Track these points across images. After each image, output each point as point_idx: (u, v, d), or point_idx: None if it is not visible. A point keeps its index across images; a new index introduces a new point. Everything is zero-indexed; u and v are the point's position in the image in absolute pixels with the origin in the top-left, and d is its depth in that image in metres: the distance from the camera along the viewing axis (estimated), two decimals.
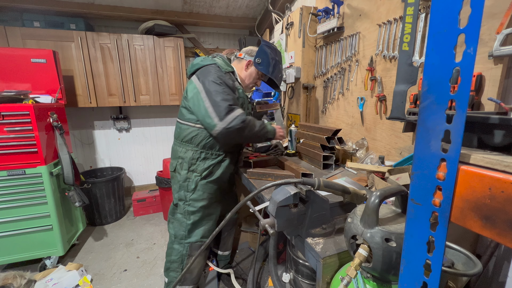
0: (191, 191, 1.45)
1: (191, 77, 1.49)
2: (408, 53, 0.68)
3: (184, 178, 1.45)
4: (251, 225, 2.32)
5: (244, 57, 1.55)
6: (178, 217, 1.51)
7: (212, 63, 1.43)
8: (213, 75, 1.34)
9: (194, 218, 1.48)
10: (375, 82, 1.48)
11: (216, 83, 1.31)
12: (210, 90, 1.30)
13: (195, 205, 1.47)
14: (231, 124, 1.26)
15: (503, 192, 0.39)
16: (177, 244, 1.51)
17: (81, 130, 3.25)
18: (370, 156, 1.47)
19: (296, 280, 1.41)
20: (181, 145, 1.47)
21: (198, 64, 1.44)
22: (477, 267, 0.60)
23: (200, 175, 1.44)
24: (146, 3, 2.90)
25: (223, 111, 1.26)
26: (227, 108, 1.27)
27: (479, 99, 0.99)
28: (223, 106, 1.27)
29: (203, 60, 1.45)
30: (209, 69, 1.38)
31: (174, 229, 1.52)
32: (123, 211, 3.11)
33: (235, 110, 1.29)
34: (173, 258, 1.52)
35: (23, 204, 1.93)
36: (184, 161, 1.44)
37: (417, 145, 0.47)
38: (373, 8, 1.47)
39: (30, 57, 2.14)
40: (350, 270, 0.62)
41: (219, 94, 1.29)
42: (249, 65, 1.54)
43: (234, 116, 1.27)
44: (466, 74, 0.39)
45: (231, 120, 1.27)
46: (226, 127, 1.26)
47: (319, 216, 0.87)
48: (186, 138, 1.43)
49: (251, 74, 1.55)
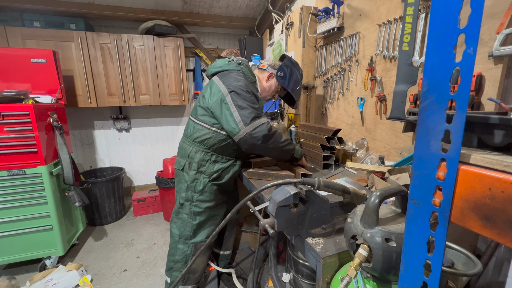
0: (198, 192, 1.44)
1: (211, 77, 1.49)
2: (408, 53, 0.68)
3: (192, 179, 1.43)
4: (251, 225, 2.32)
5: (267, 68, 1.56)
6: (183, 217, 1.49)
7: (238, 69, 1.43)
8: (241, 82, 1.34)
9: (200, 218, 1.47)
10: (375, 82, 1.48)
11: (244, 90, 1.31)
12: (237, 96, 1.29)
13: (201, 206, 1.46)
14: (256, 130, 1.25)
15: (503, 192, 0.39)
16: (181, 244, 1.50)
17: (81, 130, 3.25)
18: (370, 156, 1.47)
19: (296, 280, 1.41)
20: (192, 144, 1.45)
21: (222, 67, 1.44)
22: (477, 267, 0.60)
23: (208, 177, 1.43)
24: (146, 3, 2.91)
25: (250, 117, 1.26)
26: (254, 113, 1.27)
27: (479, 99, 0.99)
28: (249, 112, 1.26)
29: (229, 65, 1.45)
30: (234, 75, 1.38)
31: (179, 229, 1.51)
32: (123, 211, 3.11)
33: (262, 118, 1.29)
34: (177, 258, 1.51)
35: (23, 204, 1.93)
36: (193, 161, 1.43)
37: (417, 145, 0.47)
38: (373, 8, 1.47)
39: (30, 57, 2.14)
40: (350, 270, 0.62)
41: (246, 101, 1.28)
42: (271, 77, 1.55)
43: (260, 122, 1.27)
44: (466, 74, 0.39)
45: (257, 126, 1.26)
46: (251, 132, 1.25)
47: (319, 216, 0.87)
48: (199, 138, 1.41)
49: (271, 87, 1.56)
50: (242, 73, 1.42)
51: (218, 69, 1.44)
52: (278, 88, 1.57)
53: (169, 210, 2.88)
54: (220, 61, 1.49)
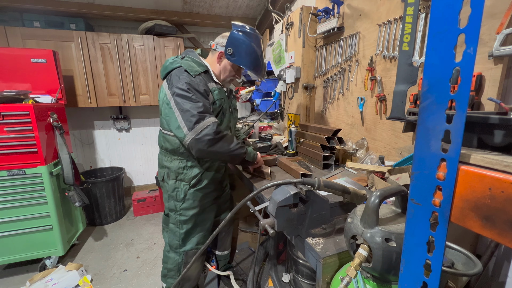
0: (180, 201, 1.39)
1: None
2: (408, 53, 0.68)
3: (172, 188, 1.39)
4: (251, 225, 2.32)
5: (216, 48, 1.35)
6: (171, 227, 1.46)
7: (178, 66, 1.28)
8: (180, 81, 1.22)
9: (186, 227, 1.43)
10: (375, 82, 1.48)
11: (184, 90, 1.19)
12: (178, 98, 1.20)
13: (186, 214, 1.41)
14: (201, 133, 1.17)
15: (503, 192, 0.39)
16: (172, 253, 1.48)
17: (81, 130, 3.25)
18: (370, 156, 1.47)
19: (296, 280, 1.41)
20: (166, 155, 1.40)
21: (168, 67, 1.31)
22: (477, 267, 0.60)
23: (188, 184, 1.37)
24: (146, 3, 2.90)
25: (193, 120, 1.16)
26: (197, 116, 1.17)
27: (479, 99, 0.99)
28: (192, 115, 1.17)
29: (172, 63, 1.31)
30: (176, 74, 1.25)
31: (169, 238, 1.48)
32: (123, 211, 3.11)
33: (206, 119, 1.19)
34: (169, 266, 1.49)
35: (23, 204, 1.93)
36: (170, 170, 1.38)
37: (417, 145, 0.47)
38: (373, 8, 1.47)
39: (30, 57, 2.14)
40: (350, 270, 0.62)
41: (188, 102, 1.18)
42: (222, 57, 1.36)
43: (205, 125, 1.17)
44: (466, 74, 0.39)
45: (201, 129, 1.17)
46: (196, 137, 1.17)
47: (319, 216, 0.87)
48: (169, 148, 1.36)
49: (225, 68, 1.37)
50: (184, 69, 1.26)
51: (166, 71, 1.32)
52: (235, 67, 1.38)
53: None
54: (167, 60, 1.36)
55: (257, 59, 1.35)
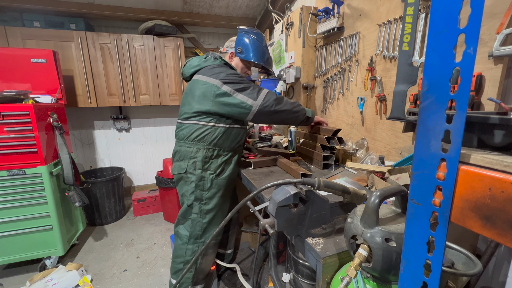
0: (207, 190, 1.46)
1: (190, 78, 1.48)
2: (408, 53, 0.68)
3: (199, 178, 1.44)
4: (251, 225, 2.32)
5: (227, 50, 1.58)
6: (193, 217, 1.48)
7: (218, 63, 1.45)
8: (226, 71, 1.37)
9: (209, 216, 1.48)
10: (375, 82, 1.48)
11: (235, 75, 1.36)
12: (232, 84, 1.33)
13: (210, 203, 1.47)
14: (265, 99, 1.33)
15: (503, 192, 0.39)
16: (191, 244, 1.49)
17: (81, 130, 3.25)
18: (370, 156, 1.47)
19: (296, 280, 1.41)
20: (191, 145, 1.44)
21: (200, 64, 1.45)
22: (477, 267, 0.60)
23: (214, 173, 1.45)
24: (146, 3, 2.91)
25: (254, 92, 1.33)
26: (256, 89, 1.35)
27: (479, 99, 0.99)
28: (251, 89, 1.34)
29: (206, 61, 1.46)
30: (218, 68, 1.40)
31: (189, 229, 1.49)
32: (123, 211, 3.11)
33: (263, 90, 1.37)
34: (187, 258, 1.50)
35: (23, 204, 1.93)
36: (197, 160, 1.42)
37: (417, 145, 0.47)
38: (373, 8, 1.47)
39: (30, 57, 2.14)
40: (350, 270, 0.62)
41: (243, 83, 1.35)
42: (233, 56, 1.56)
43: (265, 92, 1.35)
44: (466, 74, 0.39)
45: (264, 95, 1.34)
46: (262, 103, 1.33)
47: (319, 216, 0.87)
48: (198, 137, 1.41)
49: (238, 65, 1.56)
50: (223, 64, 1.46)
51: (197, 68, 1.45)
52: (246, 63, 1.57)
53: (169, 210, 2.88)
54: (195, 59, 1.49)
55: (264, 53, 1.55)
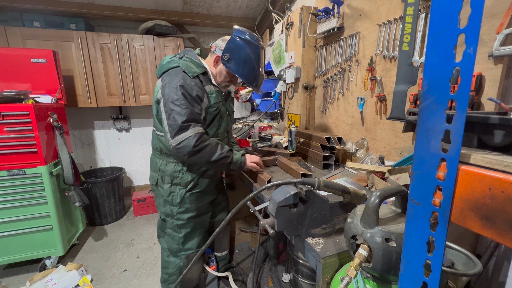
0: (177, 205, 1.35)
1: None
2: (408, 53, 0.68)
3: (167, 193, 1.34)
4: (251, 225, 2.32)
5: (215, 50, 1.31)
6: (168, 231, 1.43)
7: (176, 65, 1.24)
8: (174, 82, 1.17)
9: (185, 230, 1.41)
10: (375, 82, 1.48)
11: (176, 94, 1.16)
12: (167, 101, 1.17)
13: (183, 218, 1.38)
14: (180, 144, 1.16)
15: (503, 192, 0.39)
16: (173, 257, 1.46)
17: (81, 130, 3.25)
18: (370, 156, 1.47)
19: (296, 280, 1.41)
20: (160, 157, 1.36)
21: (165, 66, 1.28)
22: (477, 267, 0.60)
23: (184, 188, 1.34)
24: (146, 3, 2.90)
25: (175, 129, 1.15)
26: (179, 127, 1.15)
27: (479, 99, 0.99)
28: (176, 123, 1.15)
29: (170, 62, 1.28)
30: (172, 75, 1.21)
31: (167, 243, 1.46)
32: (123, 211, 3.11)
33: (189, 129, 1.16)
34: (170, 271, 1.47)
35: (23, 204, 1.93)
36: (165, 174, 1.33)
37: (417, 145, 0.47)
38: (373, 8, 1.47)
39: (30, 57, 2.14)
40: (350, 270, 0.62)
41: (176, 107, 1.15)
42: (218, 61, 1.31)
43: (185, 136, 1.15)
44: (466, 74, 0.39)
45: (181, 140, 1.15)
46: (176, 146, 1.16)
47: (319, 216, 0.87)
48: (164, 149, 1.32)
49: (221, 72, 1.32)
50: (182, 70, 1.23)
51: (163, 70, 1.28)
52: (230, 74, 1.32)
53: None
54: (164, 59, 1.32)
55: (253, 70, 1.28)
